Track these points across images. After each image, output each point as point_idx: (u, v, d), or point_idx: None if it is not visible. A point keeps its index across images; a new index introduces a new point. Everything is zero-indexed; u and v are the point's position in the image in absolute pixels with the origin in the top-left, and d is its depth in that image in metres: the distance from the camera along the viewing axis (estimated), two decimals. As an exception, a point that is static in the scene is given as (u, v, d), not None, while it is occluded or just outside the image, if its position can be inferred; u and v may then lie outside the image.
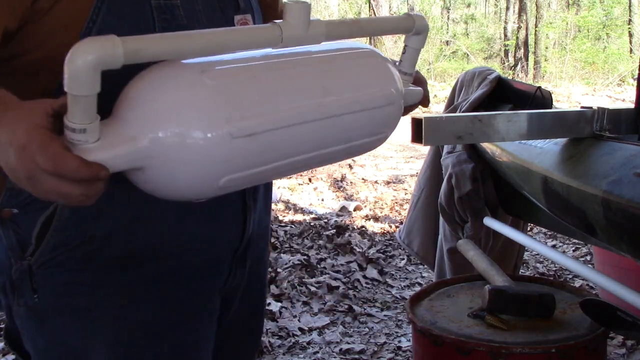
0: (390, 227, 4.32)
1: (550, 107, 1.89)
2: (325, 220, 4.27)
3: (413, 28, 0.91)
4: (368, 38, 18.14)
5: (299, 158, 0.80)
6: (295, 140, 0.77)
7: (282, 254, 3.56)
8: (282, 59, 0.78)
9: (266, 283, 1.25)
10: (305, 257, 3.56)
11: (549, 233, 4.08)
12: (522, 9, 19.43)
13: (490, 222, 1.99)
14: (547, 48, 20.07)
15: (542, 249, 1.78)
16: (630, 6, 19.08)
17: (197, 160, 0.69)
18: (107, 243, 0.88)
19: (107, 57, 0.62)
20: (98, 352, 0.90)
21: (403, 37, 0.93)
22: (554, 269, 3.57)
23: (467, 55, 19.55)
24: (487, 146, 1.92)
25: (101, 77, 0.63)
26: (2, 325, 2.78)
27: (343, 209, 4.66)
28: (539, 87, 1.94)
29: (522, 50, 19.19)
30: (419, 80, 1.05)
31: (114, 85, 0.69)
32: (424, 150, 3.59)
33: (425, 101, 1.04)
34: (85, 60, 0.61)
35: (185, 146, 0.68)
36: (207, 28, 0.86)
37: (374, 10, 17.15)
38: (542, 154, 1.57)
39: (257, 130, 0.71)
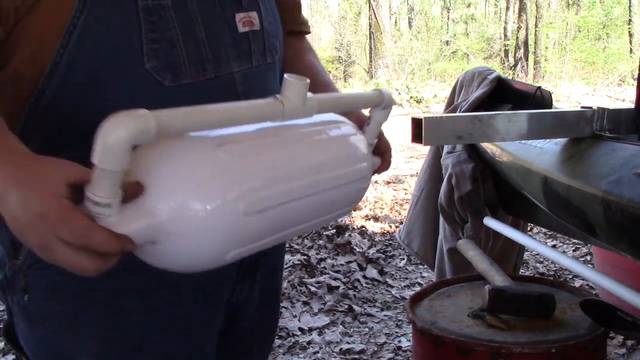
0: (390, 227, 4.32)
1: (550, 107, 1.89)
2: (325, 220, 4.27)
3: (382, 103, 0.98)
4: (368, 38, 18.14)
5: (293, 229, 0.84)
6: (292, 214, 0.80)
7: (282, 254, 3.56)
8: (283, 135, 0.82)
9: (280, 296, 1.22)
10: (305, 257, 3.56)
11: (549, 233, 4.09)
12: (522, 9, 19.44)
13: (490, 222, 1.99)
14: (547, 48, 20.08)
15: (542, 249, 1.78)
16: (630, 6, 19.09)
17: (211, 235, 0.70)
18: None
19: (140, 133, 0.63)
20: (88, 356, 0.88)
21: (403, 37, 0.96)
22: (554, 269, 3.57)
23: (467, 55, 19.57)
24: (487, 146, 1.92)
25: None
26: (2, 325, 2.78)
27: (343, 209, 4.66)
28: (539, 87, 1.94)
29: (522, 50, 19.20)
30: (385, 145, 1.08)
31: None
32: (424, 150, 3.59)
33: (382, 169, 1.07)
34: (119, 137, 0.61)
35: (202, 222, 0.69)
36: (203, 29, 0.86)
37: (374, 10, 17.14)
38: (542, 154, 1.57)
39: (266, 206, 0.74)
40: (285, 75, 0.80)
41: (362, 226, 4.24)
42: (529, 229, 2.95)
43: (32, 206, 0.63)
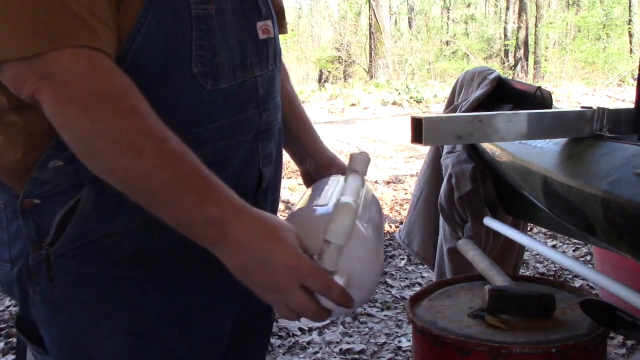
0: (390, 227, 4.32)
1: (550, 107, 1.89)
2: (325, 220, 4.26)
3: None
4: (368, 37, 18.14)
5: None
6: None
7: (282, 254, 3.56)
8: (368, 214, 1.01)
9: None
10: (305, 257, 3.55)
11: (549, 233, 4.09)
12: (522, 9, 19.44)
13: (490, 222, 1.98)
14: (547, 48, 20.09)
15: (542, 249, 1.78)
16: (630, 6, 19.10)
17: (372, 287, 0.95)
18: (124, 238, 0.90)
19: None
20: (111, 341, 0.92)
21: (403, 37, 0.97)
22: (554, 269, 3.57)
23: (467, 55, 19.57)
24: (487, 146, 1.92)
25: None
26: (2, 325, 2.78)
27: (343, 209, 4.65)
28: (539, 87, 1.93)
29: (522, 50, 19.20)
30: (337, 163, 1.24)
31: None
32: (424, 150, 3.59)
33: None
34: (352, 218, 0.83)
35: (371, 284, 0.93)
36: (235, 37, 0.93)
37: (374, 10, 17.14)
38: (542, 154, 1.57)
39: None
40: (357, 153, 1.02)
41: (362, 226, 4.23)
42: (529, 229, 2.95)
43: (286, 259, 0.81)
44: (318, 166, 1.23)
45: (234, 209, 0.82)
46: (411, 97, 12.49)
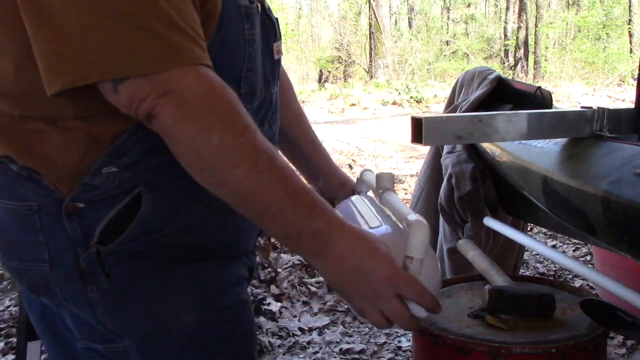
0: (390, 227, 4.31)
1: (550, 107, 1.89)
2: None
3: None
4: (368, 38, 18.15)
5: None
6: None
7: (282, 254, 3.56)
8: None
9: None
10: (305, 257, 3.55)
11: (549, 233, 4.09)
12: (522, 9, 19.45)
13: (490, 222, 1.98)
14: (547, 48, 20.10)
15: (542, 249, 1.78)
16: (630, 6, 19.10)
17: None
18: (183, 237, 0.94)
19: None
20: (186, 315, 0.97)
21: (403, 37, 0.99)
22: (554, 269, 3.58)
23: (467, 55, 19.57)
24: (487, 146, 1.92)
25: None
26: (2, 325, 2.78)
27: (343, 209, 4.66)
28: (539, 87, 1.93)
29: (522, 50, 19.21)
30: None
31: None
32: (424, 150, 3.59)
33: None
34: (427, 233, 0.91)
35: (436, 293, 0.99)
36: (260, 59, 1.00)
37: (374, 10, 17.14)
38: (542, 154, 1.57)
39: None
40: (382, 173, 1.13)
41: (362, 226, 4.24)
42: (529, 229, 2.95)
43: (385, 270, 0.88)
44: (330, 186, 1.31)
45: (337, 223, 0.88)
46: (411, 97, 12.49)
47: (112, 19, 0.77)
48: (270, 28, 1.04)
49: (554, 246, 3.90)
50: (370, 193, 1.25)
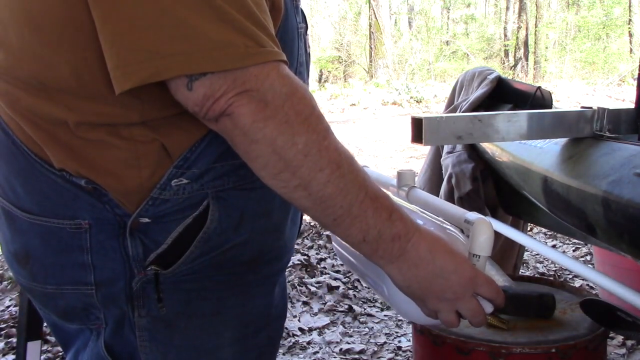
0: (390, 227, 4.31)
1: (550, 107, 1.89)
2: (325, 220, 4.27)
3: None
4: (368, 38, 18.16)
5: None
6: None
7: (282, 254, 3.56)
8: None
9: None
10: (305, 257, 3.56)
11: (549, 233, 4.09)
12: (522, 9, 19.45)
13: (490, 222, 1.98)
14: (547, 48, 20.09)
15: (542, 249, 1.78)
16: (630, 6, 19.10)
17: None
18: (242, 250, 0.91)
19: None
20: (225, 348, 0.95)
21: (403, 37, 1.00)
22: (554, 269, 3.57)
23: (467, 55, 19.56)
24: (487, 146, 1.92)
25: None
26: (2, 325, 2.78)
27: (343, 209, 4.66)
28: (539, 87, 1.93)
29: (522, 50, 19.21)
30: None
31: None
32: (424, 150, 3.59)
33: None
34: (492, 231, 0.92)
35: None
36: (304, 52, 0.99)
37: (374, 10, 17.14)
38: (542, 154, 1.57)
39: None
40: (403, 170, 1.13)
41: (362, 226, 4.24)
42: (529, 229, 2.95)
43: (466, 273, 0.87)
44: None
45: (414, 226, 0.86)
46: (411, 97, 12.49)
47: (189, 7, 0.71)
48: (304, 21, 1.00)
49: (554, 246, 3.90)
50: None
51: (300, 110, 0.76)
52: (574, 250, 3.87)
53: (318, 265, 3.50)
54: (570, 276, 3.42)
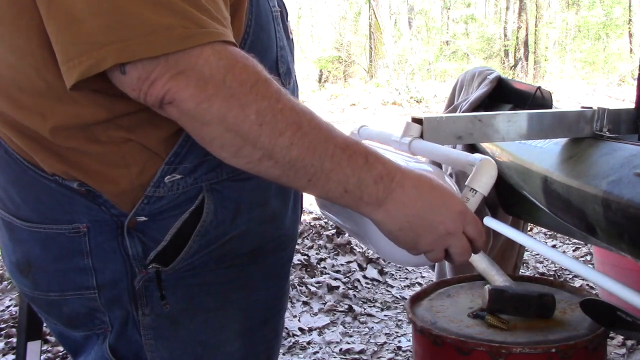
0: (390, 227, 4.31)
1: (550, 107, 1.89)
2: (325, 220, 4.27)
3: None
4: (368, 38, 18.16)
5: None
6: None
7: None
8: None
9: None
10: (305, 257, 3.56)
11: (549, 233, 4.09)
12: (522, 9, 19.44)
13: (490, 222, 1.97)
14: (547, 48, 20.08)
15: (542, 249, 1.77)
16: (630, 6, 19.09)
17: None
18: (241, 241, 0.92)
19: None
20: (232, 342, 0.95)
21: (403, 37, 0.99)
22: (554, 269, 3.58)
23: (467, 55, 19.55)
24: (487, 146, 1.92)
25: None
26: (2, 325, 2.78)
27: (343, 209, 4.66)
28: (539, 87, 1.93)
29: (522, 50, 19.20)
30: None
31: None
32: (424, 150, 3.59)
33: None
34: (496, 172, 0.91)
35: None
36: (285, 37, 0.98)
37: (374, 10, 17.13)
38: (542, 154, 1.57)
39: None
40: (410, 122, 1.10)
41: (362, 226, 4.23)
42: (529, 229, 2.95)
43: (456, 206, 0.85)
44: None
45: (395, 165, 0.83)
46: (411, 97, 12.49)
47: None
48: (281, 5, 0.99)
49: (554, 246, 3.90)
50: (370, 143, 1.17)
51: (244, 80, 0.72)
52: (574, 250, 3.87)
53: (318, 265, 3.50)
54: (570, 276, 3.42)
